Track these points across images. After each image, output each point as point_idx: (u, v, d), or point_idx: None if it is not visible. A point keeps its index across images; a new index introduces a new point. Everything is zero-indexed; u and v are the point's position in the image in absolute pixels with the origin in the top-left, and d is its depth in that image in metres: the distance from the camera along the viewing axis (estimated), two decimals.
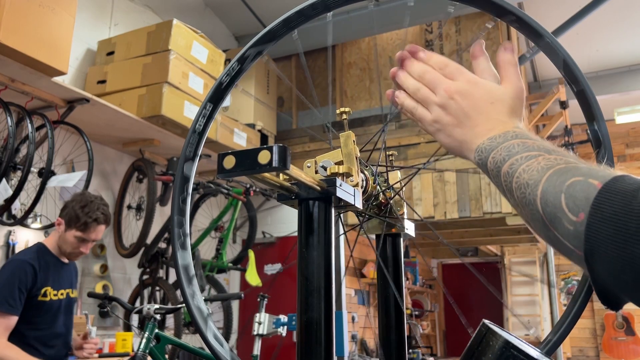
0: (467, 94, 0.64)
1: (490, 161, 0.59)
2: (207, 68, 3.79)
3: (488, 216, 4.25)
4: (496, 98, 0.63)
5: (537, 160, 0.53)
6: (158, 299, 3.72)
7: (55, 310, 2.31)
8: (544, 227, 0.51)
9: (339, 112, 0.80)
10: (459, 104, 0.64)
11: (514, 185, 0.55)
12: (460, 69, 0.67)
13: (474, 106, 0.64)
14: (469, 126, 0.63)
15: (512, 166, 0.55)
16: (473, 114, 0.63)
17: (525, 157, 0.55)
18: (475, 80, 0.65)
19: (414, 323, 6.47)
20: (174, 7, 4.60)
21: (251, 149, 0.57)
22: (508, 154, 0.57)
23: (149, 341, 2.41)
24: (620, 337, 6.66)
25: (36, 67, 2.69)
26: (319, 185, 0.67)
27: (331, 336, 0.65)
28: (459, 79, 0.66)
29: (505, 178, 0.56)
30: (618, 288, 0.43)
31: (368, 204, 0.85)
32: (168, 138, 3.69)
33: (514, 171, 0.55)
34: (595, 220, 0.44)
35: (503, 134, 0.60)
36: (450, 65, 0.67)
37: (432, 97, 0.67)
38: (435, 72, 0.67)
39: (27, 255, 2.27)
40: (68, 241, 2.32)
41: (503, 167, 0.57)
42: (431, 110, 0.67)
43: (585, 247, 0.45)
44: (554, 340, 0.70)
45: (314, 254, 0.66)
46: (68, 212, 2.32)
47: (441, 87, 0.66)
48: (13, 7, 2.53)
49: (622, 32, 5.26)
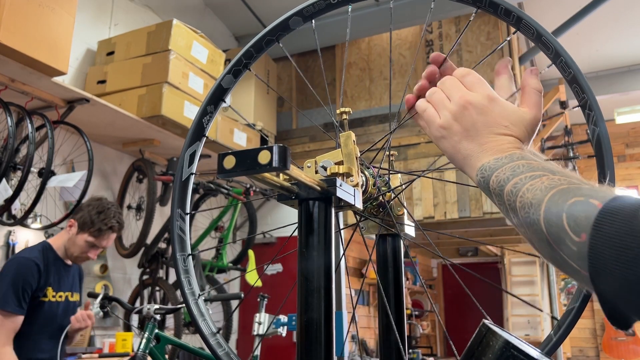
0: (483, 109, 0.62)
1: (494, 180, 0.58)
2: (207, 68, 3.79)
3: (488, 216, 4.25)
4: (511, 121, 0.62)
5: (541, 180, 0.53)
6: (158, 299, 3.72)
7: (52, 312, 2.26)
8: (549, 247, 0.50)
9: (339, 112, 0.80)
10: (472, 117, 0.62)
11: (518, 205, 0.54)
12: (481, 81, 0.65)
13: (487, 124, 0.62)
14: (478, 143, 0.62)
15: (516, 185, 0.55)
16: (485, 131, 0.62)
17: (530, 177, 0.54)
18: (494, 97, 0.63)
19: (414, 323, 6.47)
20: (174, 7, 4.60)
21: (251, 149, 0.57)
22: (512, 174, 0.56)
23: (149, 341, 2.41)
24: (620, 337, 6.66)
25: (36, 67, 2.69)
26: (319, 185, 0.67)
27: (331, 336, 0.65)
28: (478, 92, 0.64)
29: (508, 197, 0.55)
30: (626, 308, 0.43)
31: (367, 204, 0.85)
32: (168, 138, 3.69)
33: (517, 190, 0.54)
34: (597, 241, 0.43)
35: (509, 155, 0.59)
36: (471, 74, 0.65)
37: (446, 102, 0.65)
38: (456, 79, 0.66)
39: (33, 254, 2.23)
40: (78, 244, 2.28)
41: (506, 186, 0.56)
42: (441, 115, 0.65)
43: (590, 268, 0.44)
44: (554, 340, 0.70)
45: (314, 254, 0.66)
46: (83, 216, 2.28)
47: (458, 94, 0.64)
48: (13, 7, 2.53)
49: (622, 32, 5.26)
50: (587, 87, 0.65)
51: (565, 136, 5.92)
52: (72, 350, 3.01)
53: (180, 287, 0.78)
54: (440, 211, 4.40)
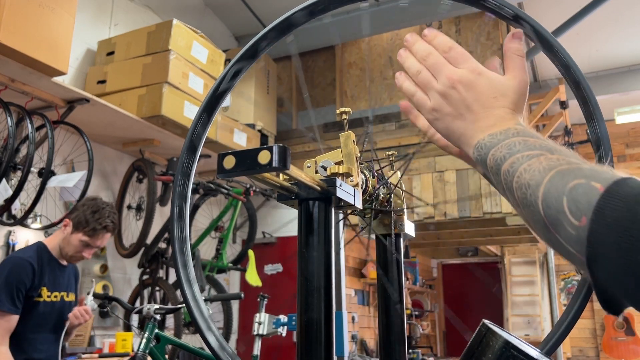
0: (471, 85, 0.61)
1: (490, 158, 0.57)
2: (207, 68, 3.79)
3: (488, 216, 4.25)
4: (500, 92, 0.61)
5: (539, 159, 0.52)
6: (158, 299, 3.72)
7: (47, 312, 2.26)
8: (544, 229, 0.50)
9: (339, 112, 0.80)
10: (461, 95, 0.61)
11: (515, 185, 0.53)
12: (465, 54, 0.63)
13: (477, 99, 0.61)
14: (470, 120, 0.61)
15: (513, 165, 0.54)
16: (475, 107, 0.61)
17: (527, 156, 0.53)
18: (480, 70, 0.62)
19: (414, 323, 6.47)
20: (174, 7, 4.60)
21: (251, 149, 0.57)
22: (509, 152, 0.55)
23: (149, 341, 2.41)
24: (620, 337, 6.66)
25: (36, 67, 2.69)
26: (319, 185, 0.67)
27: (331, 336, 0.65)
28: (463, 66, 0.62)
29: (505, 177, 0.55)
30: (619, 293, 0.43)
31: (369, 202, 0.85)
32: (168, 138, 3.69)
33: (514, 170, 0.54)
34: (598, 225, 0.43)
35: (504, 130, 0.58)
36: (454, 48, 0.63)
37: (433, 83, 0.63)
38: (439, 55, 0.64)
39: (27, 254, 2.23)
40: (72, 244, 2.28)
41: (503, 165, 0.55)
42: (430, 97, 0.64)
43: (588, 252, 0.44)
44: (553, 340, 0.70)
45: (314, 254, 0.66)
46: (77, 215, 2.28)
47: (444, 73, 0.62)
48: (13, 7, 2.53)
49: (622, 32, 5.26)
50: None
51: (565, 136, 5.92)
52: (72, 350, 3.01)
53: (181, 287, 0.78)
54: (440, 211, 4.40)
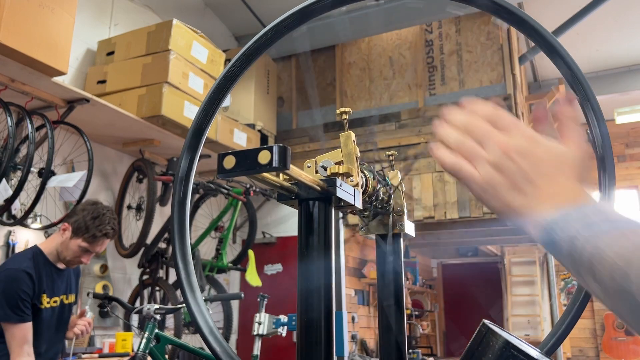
0: (527, 153, 0.54)
1: (564, 239, 0.49)
2: (207, 68, 3.79)
3: (488, 216, 4.25)
4: (563, 160, 0.54)
5: (628, 238, 0.45)
6: (158, 299, 3.72)
7: (48, 318, 2.25)
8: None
9: (339, 112, 0.80)
10: (517, 165, 0.54)
11: (601, 269, 0.46)
12: (514, 120, 0.56)
13: (536, 168, 0.53)
14: (530, 193, 0.53)
15: (598, 248, 0.46)
16: (535, 177, 0.53)
17: (617, 236, 0.46)
18: (534, 137, 0.55)
19: (414, 323, 6.47)
20: (174, 7, 4.60)
21: (251, 149, 0.57)
22: (591, 234, 0.47)
23: (149, 341, 2.41)
24: (620, 337, 6.66)
25: (36, 67, 2.69)
26: (319, 185, 0.67)
27: (331, 336, 0.65)
28: (514, 134, 0.55)
29: (589, 261, 0.47)
30: None
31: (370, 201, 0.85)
32: (168, 138, 3.69)
33: (600, 255, 0.46)
34: None
35: (579, 207, 0.50)
36: (500, 114, 0.57)
37: (480, 153, 0.56)
38: (483, 122, 0.57)
39: (23, 264, 2.16)
40: (71, 249, 2.24)
41: (586, 247, 0.47)
42: (480, 169, 0.56)
43: None
44: (554, 340, 0.70)
45: (314, 254, 0.66)
46: (77, 221, 2.23)
47: (494, 142, 0.55)
48: (13, 7, 2.53)
49: (622, 32, 5.26)
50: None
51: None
52: (72, 350, 3.01)
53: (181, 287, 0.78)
54: (440, 211, 4.40)
